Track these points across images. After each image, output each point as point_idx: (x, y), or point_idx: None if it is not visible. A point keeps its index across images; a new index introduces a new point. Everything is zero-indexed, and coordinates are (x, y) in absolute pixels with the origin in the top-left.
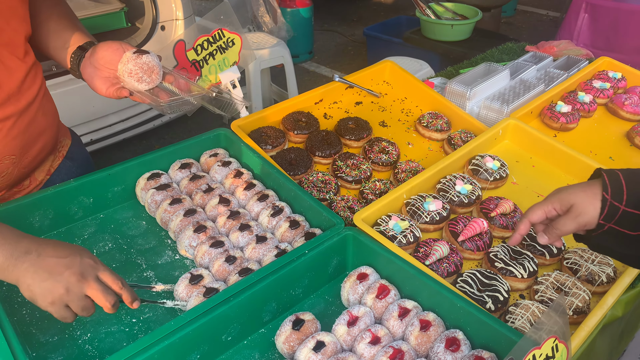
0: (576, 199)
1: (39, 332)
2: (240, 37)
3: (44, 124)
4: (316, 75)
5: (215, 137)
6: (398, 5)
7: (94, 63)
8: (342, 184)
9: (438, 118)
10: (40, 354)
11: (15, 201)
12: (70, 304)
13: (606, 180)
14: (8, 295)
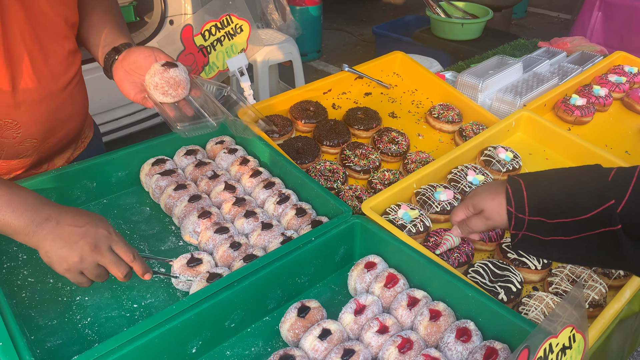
0: (485, 205)
1: (38, 316)
2: (249, 23)
3: (70, 113)
4: (324, 73)
5: (221, 125)
6: (407, 6)
7: (125, 67)
8: (350, 174)
9: (449, 110)
10: (39, 337)
11: (23, 181)
12: (84, 272)
13: (510, 193)
14: (8, 278)
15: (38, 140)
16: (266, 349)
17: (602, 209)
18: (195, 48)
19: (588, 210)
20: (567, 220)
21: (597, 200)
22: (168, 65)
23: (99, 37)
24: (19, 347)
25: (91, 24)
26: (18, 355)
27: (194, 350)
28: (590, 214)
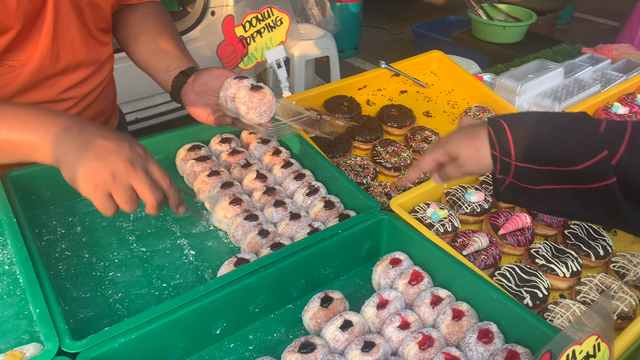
0: (461, 151)
1: (73, 288)
2: (288, 16)
3: (100, 108)
4: (360, 71)
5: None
6: (449, 6)
7: (196, 89)
8: (381, 170)
9: (485, 112)
10: (73, 308)
11: None
12: (113, 193)
13: (492, 135)
14: (47, 250)
15: None
16: (288, 335)
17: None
18: (235, 39)
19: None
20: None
21: (588, 151)
22: (240, 78)
23: (164, 63)
24: (54, 315)
25: (154, 49)
26: (54, 323)
27: (218, 331)
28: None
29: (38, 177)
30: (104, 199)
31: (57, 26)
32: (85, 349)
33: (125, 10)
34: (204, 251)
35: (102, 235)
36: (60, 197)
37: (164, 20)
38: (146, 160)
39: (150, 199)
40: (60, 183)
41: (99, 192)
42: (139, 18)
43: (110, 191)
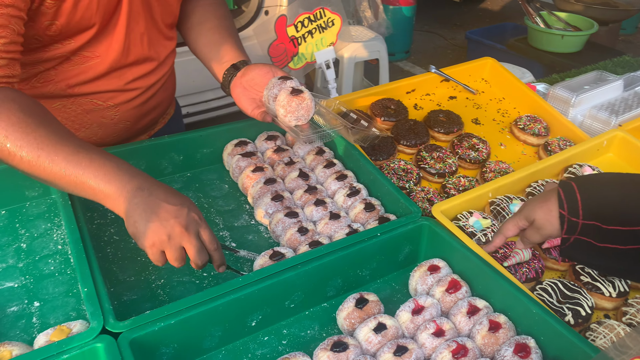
0: (536, 215)
1: (119, 271)
2: (340, 18)
3: (161, 99)
4: (410, 75)
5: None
6: (505, 13)
7: (244, 83)
8: (424, 176)
9: (536, 122)
10: (118, 290)
11: (114, 148)
12: (166, 251)
13: (562, 196)
14: (97, 234)
15: (131, 122)
16: (321, 333)
17: None
18: (287, 38)
19: None
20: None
21: None
22: (284, 79)
23: (218, 54)
24: (100, 295)
25: (210, 40)
26: (99, 303)
27: (253, 323)
28: None
29: None
30: (158, 255)
31: (130, 22)
32: (127, 330)
33: (188, 1)
34: (245, 244)
35: None
36: None
37: (222, 13)
38: (199, 226)
39: (196, 260)
40: None
41: (154, 249)
42: (199, 9)
43: (164, 249)
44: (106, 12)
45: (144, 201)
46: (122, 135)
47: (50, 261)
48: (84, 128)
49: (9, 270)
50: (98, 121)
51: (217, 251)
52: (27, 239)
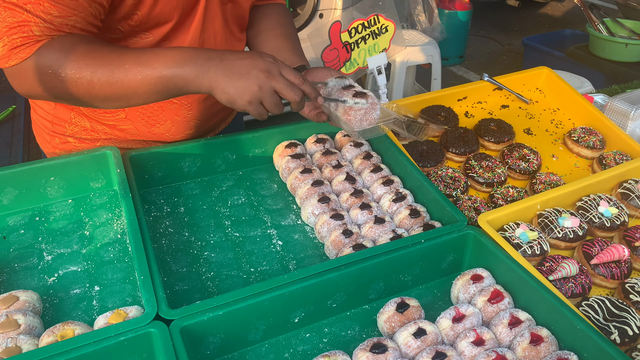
0: None
1: (172, 262)
2: (394, 24)
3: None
4: (463, 80)
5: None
6: (566, 19)
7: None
8: (472, 184)
9: (592, 134)
10: (170, 280)
11: (172, 145)
12: (263, 101)
13: None
14: (153, 226)
15: (201, 121)
16: (361, 334)
17: None
18: (340, 44)
19: None
20: None
21: None
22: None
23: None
24: (155, 284)
25: (275, 46)
26: (154, 290)
27: (296, 320)
28: None
29: (153, 159)
30: (259, 108)
31: (206, 19)
32: (178, 318)
33: (255, 9)
34: (291, 243)
35: (201, 217)
36: (169, 178)
37: (286, 21)
38: (278, 66)
39: (292, 96)
40: (171, 166)
41: (253, 105)
42: (265, 17)
43: (261, 100)
44: (185, 7)
45: (220, 68)
46: (192, 133)
47: (110, 249)
48: (158, 124)
49: (73, 255)
50: (172, 118)
51: (305, 84)
52: (90, 227)
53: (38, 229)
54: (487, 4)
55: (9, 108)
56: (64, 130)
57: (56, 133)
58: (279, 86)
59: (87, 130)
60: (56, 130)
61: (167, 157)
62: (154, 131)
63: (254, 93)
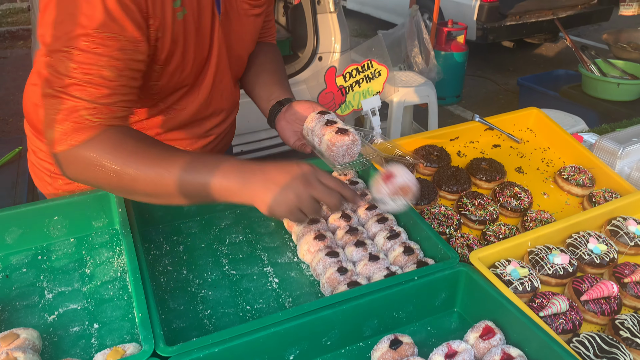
0: None
1: (170, 300)
2: (387, 69)
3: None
4: (460, 119)
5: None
6: (559, 58)
7: (287, 117)
8: (465, 222)
9: (581, 173)
10: (168, 318)
11: None
12: (302, 208)
13: None
14: (152, 264)
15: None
16: None
17: None
18: (335, 87)
19: None
20: None
21: None
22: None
23: (267, 93)
24: (153, 321)
25: (261, 81)
26: (152, 328)
27: (291, 357)
28: None
29: None
30: (298, 215)
31: (215, 79)
32: (175, 355)
33: None
34: (287, 281)
35: (200, 255)
36: (169, 217)
37: (274, 57)
38: (316, 174)
39: (331, 202)
40: (169, 210)
41: (293, 214)
42: (254, 54)
43: (300, 208)
44: (197, 73)
45: (261, 180)
46: None
47: (110, 287)
48: None
49: (73, 294)
50: None
51: (344, 188)
52: (91, 265)
53: (40, 268)
54: (482, 45)
55: (15, 149)
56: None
57: (59, 175)
58: (317, 194)
59: None
60: (59, 171)
61: None
62: None
63: (293, 203)
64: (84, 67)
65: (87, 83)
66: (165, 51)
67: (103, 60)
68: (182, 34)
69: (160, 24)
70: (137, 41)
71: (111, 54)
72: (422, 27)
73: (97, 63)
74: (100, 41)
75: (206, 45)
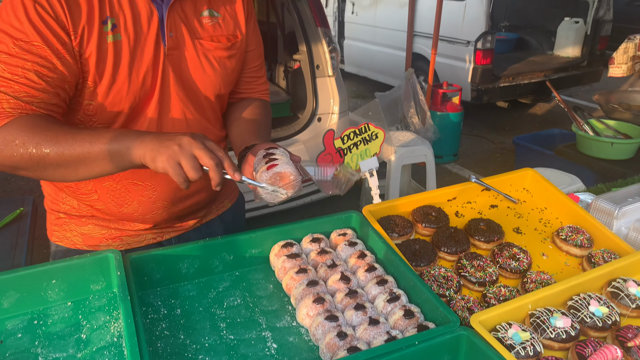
0: None
1: None
2: (383, 131)
3: (202, 186)
4: (458, 177)
5: (347, 217)
6: (553, 118)
7: (248, 161)
8: (465, 284)
9: (579, 233)
10: None
11: (169, 249)
12: (181, 162)
13: None
14: (150, 328)
15: (168, 202)
16: None
17: None
18: (333, 150)
19: None
20: None
21: None
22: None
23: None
24: None
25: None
26: None
27: None
28: None
29: (152, 261)
30: (176, 169)
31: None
32: None
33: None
34: (285, 346)
35: (197, 319)
36: (167, 280)
37: (260, 111)
38: (203, 138)
39: (210, 162)
40: (170, 267)
41: (171, 161)
42: (241, 106)
43: (179, 160)
44: (137, 98)
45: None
46: (162, 214)
47: (105, 352)
48: (126, 204)
49: None
50: (138, 199)
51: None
52: (87, 330)
53: (35, 333)
54: (478, 106)
55: (16, 210)
56: (58, 207)
57: (53, 210)
58: (199, 152)
59: (74, 208)
60: (53, 207)
61: (166, 259)
62: (124, 211)
63: (174, 152)
64: (11, 67)
65: (12, 81)
66: (92, 69)
67: (28, 64)
68: (112, 57)
69: (82, 42)
70: (58, 52)
71: (35, 60)
72: (418, 89)
73: (22, 66)
74: (27, 47)
75: (148, 74)
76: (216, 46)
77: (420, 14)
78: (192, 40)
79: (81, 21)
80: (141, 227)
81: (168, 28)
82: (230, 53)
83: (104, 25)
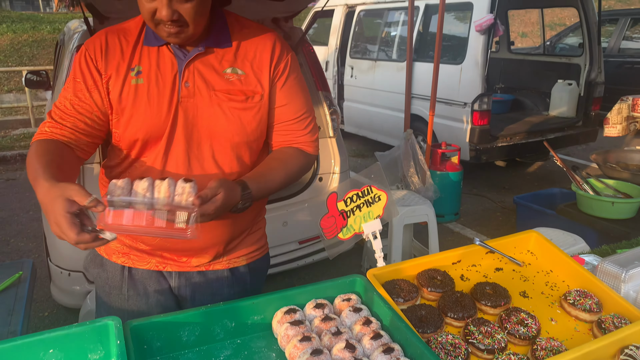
0: None
1: None
2: (386, 194)
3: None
4: (460, 236)
5: (350, 282)
6: (552, 176)
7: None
8: (473, 351)
9: (587, 297)
10: None
11: (169, 316)
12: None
13: None
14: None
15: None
16: None
17: None
18: (337, 212)
19: None
20: None
21: None
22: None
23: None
24: None
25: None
26: None
27: None
28: None
29: (153, 329)
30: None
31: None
32: None
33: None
34: None
35: None
36: (167, 348)
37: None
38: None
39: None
40: (170, 335)
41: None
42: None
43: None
44: (150, 130)
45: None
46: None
47: None
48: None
49: None
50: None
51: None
52: None
53: None
54: (476, 165)
55: (15, 274)
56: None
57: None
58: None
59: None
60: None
61: (167, 326)
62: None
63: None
64: (60, 99)
65: (57, 108)
66: (115, 104)
67: (69, 95)
68: (133, 97)
69: (110, 80)
70: (90, 87)
71: (73, 92)
72: (417, 149)
73: (65, 96)
74: (70, 84)
75: (160, 115)
76: (230, 98)
77: (417, 76)
78: (208, 91)
79: (113, 65)
80: (144, 247)
81: (184, 79)
82: (245, 106)
83: (131, 71)
